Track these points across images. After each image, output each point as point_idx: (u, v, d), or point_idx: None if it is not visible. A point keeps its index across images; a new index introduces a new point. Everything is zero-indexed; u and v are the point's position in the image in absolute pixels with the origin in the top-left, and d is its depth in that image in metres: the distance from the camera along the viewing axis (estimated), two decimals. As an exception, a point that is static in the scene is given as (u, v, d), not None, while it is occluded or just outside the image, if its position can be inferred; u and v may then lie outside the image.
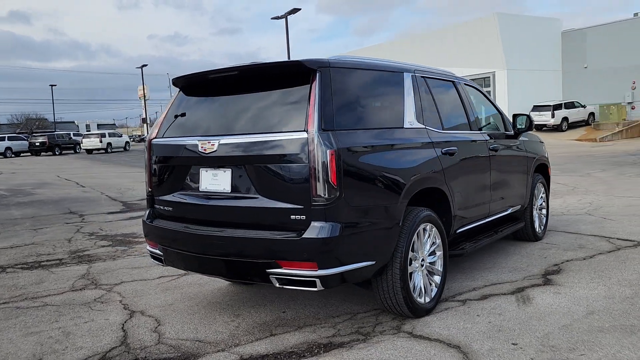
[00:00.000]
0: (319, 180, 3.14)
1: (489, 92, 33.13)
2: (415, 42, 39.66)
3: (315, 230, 3.15)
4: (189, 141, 3.71)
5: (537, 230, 6.09)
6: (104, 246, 6.77)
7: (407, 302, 3.66)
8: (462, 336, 3.45)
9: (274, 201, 3.31)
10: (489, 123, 5.66)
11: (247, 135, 3.42)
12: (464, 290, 4.42)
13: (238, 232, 3.40)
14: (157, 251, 3.93)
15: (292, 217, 3.23)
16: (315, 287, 3.19)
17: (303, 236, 3.15)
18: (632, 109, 32.68)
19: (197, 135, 3.70)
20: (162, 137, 3.99)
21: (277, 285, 3.31)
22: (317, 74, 3.34)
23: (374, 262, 3.43)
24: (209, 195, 3.63)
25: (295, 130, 3.23)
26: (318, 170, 3.14)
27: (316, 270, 3.16)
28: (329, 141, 3.17)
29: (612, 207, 8.22)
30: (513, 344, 3.31)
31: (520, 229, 5.76)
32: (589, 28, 35.20)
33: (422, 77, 4.35)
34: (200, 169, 3.68)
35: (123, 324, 3.95)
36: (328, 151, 3.14)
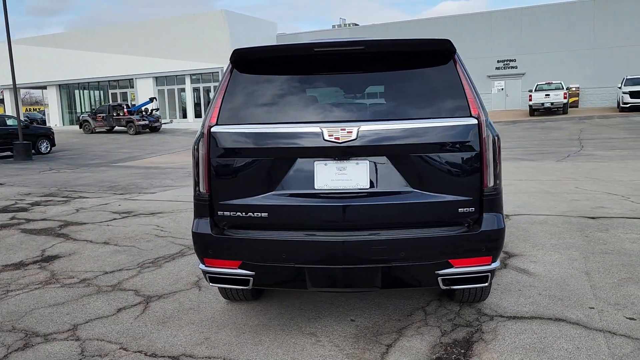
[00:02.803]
0: (488, 169, 2.96)
1: (215, 87, 33.76)
2: (127, 31, 37.79)
3: (491, 221, 2.97)
4: (301, 128, 2.96)
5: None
6: (-58, 285, 4.64)
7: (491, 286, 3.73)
8: (546, 310, 3.69)
9: (435, 194, 2.95)
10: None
11: (400, 122, 2.94)
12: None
13: (405, 234, 2.91)
14: (240, 271, 3.01)
15: (460, 209, 2.95)
16: (487, 282, 3.01)
17: (481, 229, 2.93)
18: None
19: (311, 121, 2.98)
20: (231, 125, 3.06)
21: (443, 287, 2.98)
22: (456, 55, 3.12)
23: None
24: (332, 193, 2.97)
25: (462, 116, 2.95)
26: (489, 158, 2.95)
27: (490, 265, 2.98)
28: (493, 127, 3.02)
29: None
30: (590, 307, 3.73)
31: None
32: (301, 33, 39.24)
33: None
34: (315, 162, 2.99)
35: (195, 376, 2.92)
36: (496, 137, 2.99)
